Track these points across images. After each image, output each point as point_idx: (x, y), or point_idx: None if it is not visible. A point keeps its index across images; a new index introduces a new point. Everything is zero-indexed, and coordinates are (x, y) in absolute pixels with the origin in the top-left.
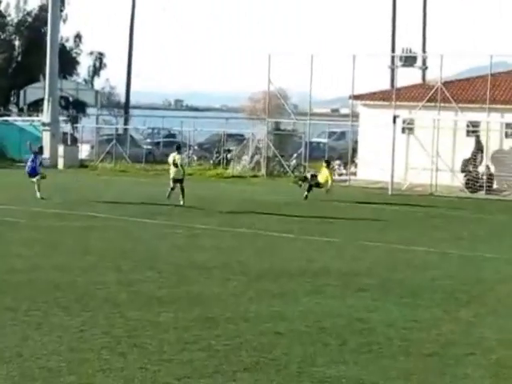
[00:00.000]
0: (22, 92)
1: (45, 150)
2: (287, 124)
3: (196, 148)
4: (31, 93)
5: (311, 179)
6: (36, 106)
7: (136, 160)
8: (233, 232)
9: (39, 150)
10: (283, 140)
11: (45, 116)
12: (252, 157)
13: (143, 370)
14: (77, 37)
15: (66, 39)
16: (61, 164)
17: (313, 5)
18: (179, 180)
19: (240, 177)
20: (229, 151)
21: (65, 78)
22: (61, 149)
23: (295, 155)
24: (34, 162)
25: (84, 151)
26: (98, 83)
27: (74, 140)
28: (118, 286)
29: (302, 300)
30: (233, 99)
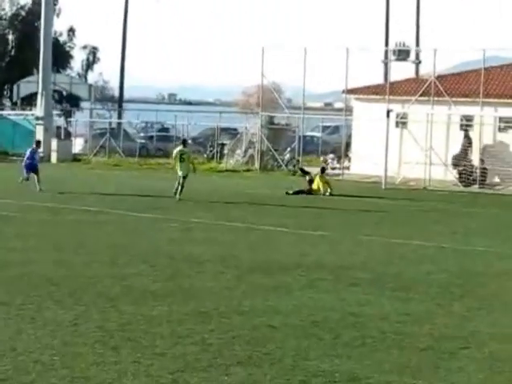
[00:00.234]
0: (16, 86)
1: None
2: (281, 118)
3: (190, 142)
4: (25, 87)
5: (308, 183)
6: (29, 100)
7: (129, 154)
8: (227, 226)
9: (37, 145)
10: (277, 134)
11: (38, 110)
12: (245, 151)
13: (136, 364)
14: (70, 31)
15: (60, 33)
16: (54, 158)
17: None
18: (184, 176)
19: (233, 171)
20: (222, 145)
21: (58, 72)
22: (54, 143)
23: (289, 149)
24: (34, 158)
25: (77, 145)
26: (92, 77)
27: (68, 134)
28: (112, 280)
29: (296, 294)
30: (226, 93)
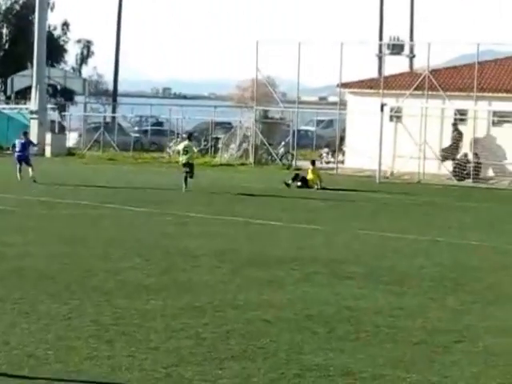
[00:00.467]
0: (10, 80)
1: (32, 138)
2: (275, 112)
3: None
4: (19, 81)
5: (300, 180)
6: (24, 94)
7: (124, 148)
8: (221, 220)
9: (25, 135)
10: (271, 128)
11: (32, 104)
12: (240, 145)
13: (130, 358)
14: (64, 25)
15: (54, 27)
16: (48, 152)
17: None
18: (190, 165)
19: (228, 165)
20: (217, 139)
21: (52, 66)
22: (48, 137)
23: (283, 143)
24: (25, 150)
25: (72, 139)
26: (86, 71)
27: (62, 128)
28: (107, 274)
29: (290, 288)
30: (221, 87)
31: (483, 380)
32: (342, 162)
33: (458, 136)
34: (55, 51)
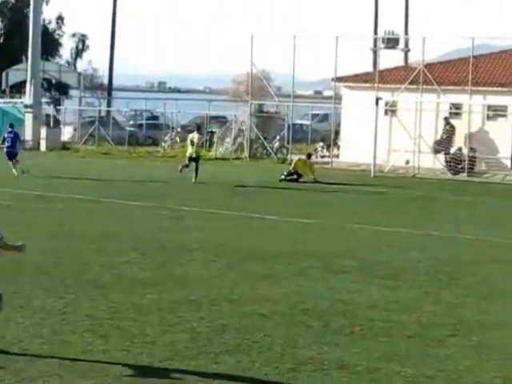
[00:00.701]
0: (5, 74)
1: (27, 132)
2: (270, 106)
3: (179, 130)
4: (13, 75)
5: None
6: (18, 88)
7: (119, 142)
8: (217, 214)
9: (12, 126)
10: (266, 122)
11: (27, 98)
12: (235, 139)
13: (125, 352)
14: (59, 18)
15: (49, 21)
16: (43, 146)
17: None
18: (195, 159)
19: (223, 159)
20: (212, 133)
21: (47, 60)
22: (43, 131)
23: (278, 137)
24: (15, 146)
25: (67, 133)
26: (81, 65)
27: (57, 122)
28: (102, 268)
29: (285, 282)
30: (216, 81)
31: (477, 373)
32: (337, 156)
33: (451, 130)
34: (50, 45)
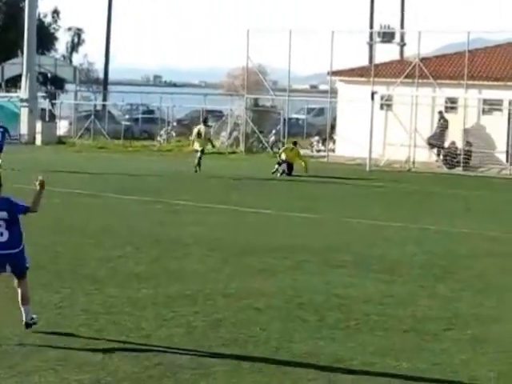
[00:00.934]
0: (0, 68)
1: (23, 127)
2: (266, 100)
3: (175, 124)
4: (9, 69)
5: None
6: (14, 82)
7: (115, 136)
8: (212, 208)
9: None
10: (262, 116)
11: (23, 92)
12: (230, 133)
13: (121, 346)
14: (55, 12)
15: (44, 15)
16: (39, 140)
17: None
18: (200, 150)
19: (218, 153)
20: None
21: (43, 54)
22: (39, 125)
23: (274, 131)
24: (4, 138)
25: (62, 127)
26: (77, 59)
27: (52, 116)
28: (97, 263)
29: (281, 276)
30: (212, 75)
31: (472, 367)
32: (333, 150)
33: (444, 124)
34: (46, 39)
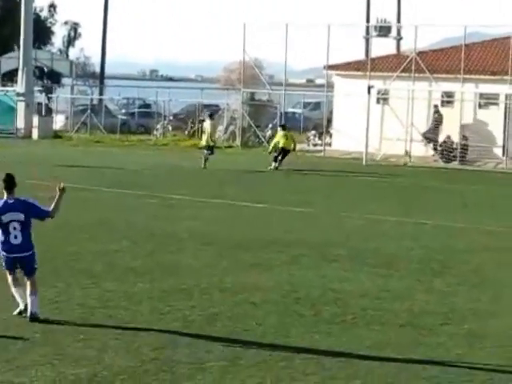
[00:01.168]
0: None
1: (19, 121)
2: (262, 94)
3: (171, 118)
4: (5, 63)
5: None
6: (10, 76)
7: (111, 130)
8: (208, 202)
9: None
10: (258, 110)
11: (19, 86)
12: (227, 127)
13: (118, 341)
14: (51, 6)
15: (41, 9)
16: (35, 135)
17: None
18: (209, 146)
19: (215, 147)
20: (204, 121)
21: (39, 48)
22: (35, 119)
23: (270, 125)
24: None
25: (59, 122)
26: (73, 53)
27: (49, 110)
28: (93, 257)
29: (277, 270)
30: (208, 69)
31: (468, 362)
32: (329, 145)
33: (438, 118)
34: (42, 33)
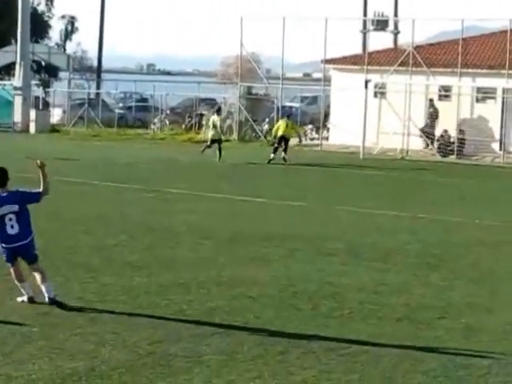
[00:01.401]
0: None
1: (16, 115)
2: (259, 88)
3: (168, 112)
4: (2, 56)
5: (279, 143)
6: (8, 70)
7: (108, 124)
8: (205, 196)
9: None
10: (255, 104)
11: (16, 80)
12: (224, 121)
13: (115, 335)
14: (48, 0)
15: (38, 3)
16: (32, 128)
17: None
18: (217, 140)
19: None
20: (201, 115)
21: (36, 42)
22: (32, 113)
23: (267, 120)
24: None
25: (56, 116)
26: (70, 47)
27: (46, 104)
28: (91, 251)
29: (274, 264)
30: (205, 63)
31: (466, 356)
32: (327, 139)
33: (434, 113)
34: (39, 27)
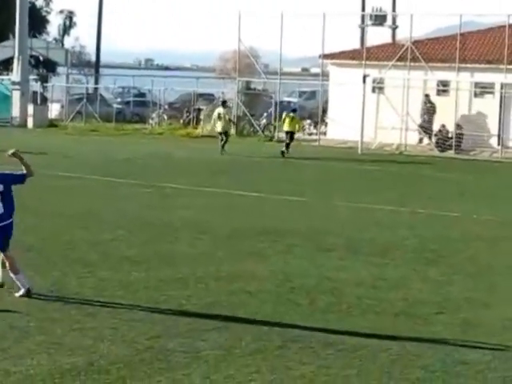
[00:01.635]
0: None
1: (14, 109)
2: (258, 83)
3: (166, 107)
4: (1, 51)
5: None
6: (6, 65)
7: (106, 119)
8: (203, 191)
9: None
10: (253, 99)
11: (14, 75)
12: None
13: (113, 330)
14: None
15: None
16: (30, 123)
17: None
18: (225, 133)
19: (210, 136)
20: (199, 110)
21: (35, 37)
22: (30, 108)
23: (265, 114)
24: None
25: (54, 110)
26: (68, 42)
27: (44, 99)
28: (89, 246)
29: (273, 259)
30: (203, 58)
31: (464, 351)
32: (325, 134)
33: (431, 108)
34: (37, 22)
